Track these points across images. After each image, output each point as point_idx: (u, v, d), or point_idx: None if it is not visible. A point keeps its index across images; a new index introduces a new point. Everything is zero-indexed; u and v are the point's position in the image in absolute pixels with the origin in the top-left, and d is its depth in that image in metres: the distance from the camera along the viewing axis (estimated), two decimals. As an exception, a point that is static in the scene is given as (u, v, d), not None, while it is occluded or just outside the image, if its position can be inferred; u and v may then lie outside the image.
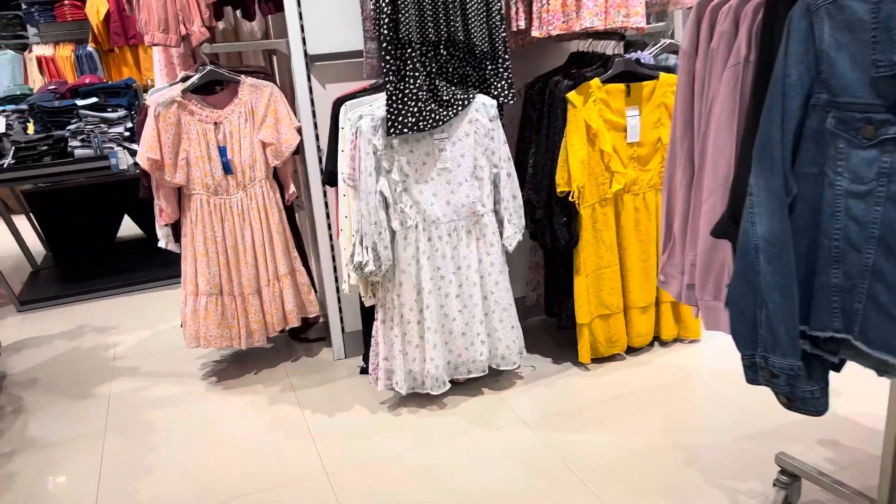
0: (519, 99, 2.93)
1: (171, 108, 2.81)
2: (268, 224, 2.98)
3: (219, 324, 2.97)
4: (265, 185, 2.96)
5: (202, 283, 2.93)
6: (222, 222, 2.93)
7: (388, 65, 2.37)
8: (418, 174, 2.54)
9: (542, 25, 2.65)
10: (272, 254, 3.00)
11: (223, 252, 2.94)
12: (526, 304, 3.27)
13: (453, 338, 2.65)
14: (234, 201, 2.93)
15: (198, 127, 2.86)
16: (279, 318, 3.05)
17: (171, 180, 2.85)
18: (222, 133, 2.89)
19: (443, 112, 2.49)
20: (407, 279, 2.56)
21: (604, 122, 2.71)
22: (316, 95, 2.89)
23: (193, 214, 2.91)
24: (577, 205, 2.70)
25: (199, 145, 2.86)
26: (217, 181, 2.90)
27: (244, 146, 2.90)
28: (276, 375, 3.05)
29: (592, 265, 2.79)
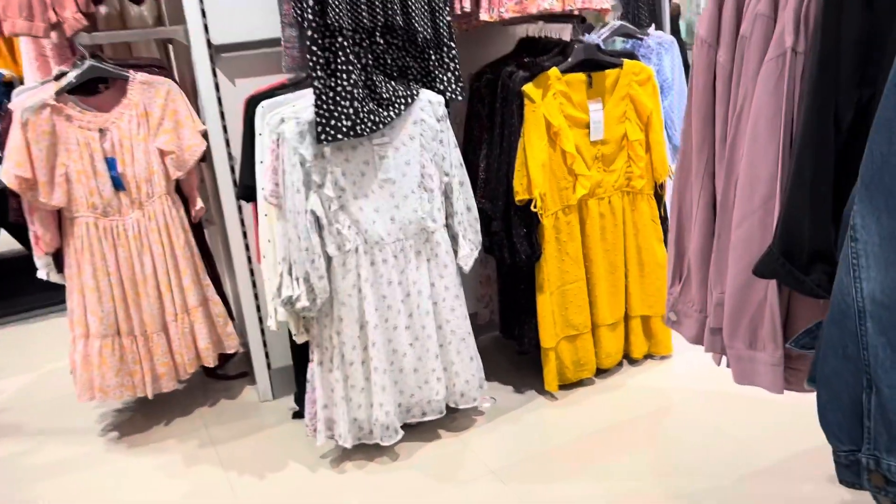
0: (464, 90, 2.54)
1: (42, 113, 2.27)
2: (171, 248, 2.49)
3: (117, 371, 2.47)
4: (166, 202, 2.47)
5: (94, 323, 2.42)
6: (115, 249, 2.42)
7: (314, 56, 1.94)
8: (356, 188, 2.12)
9: (492, 7, 2.26)
10: (179, 283, 2.52)
11: (118, 284, 2.43)
12: (478, 322, 2.90)
13: (404, 376, 2.26)
14: (128, 223, 2.43)
15: (78, 135, 2.33)
16: (191, 358, 2.57)
17: (48, 202, 2.32)
18: (109, 141, 2.38)
19: (383, 112, 2.08)
20: (348, 313, 2.14)
21: (565, 119, 2.37)
22: (224, 93, 2.42)
23: (78, 241, 2.39)
24: (538, 214, 2.35)
25: (81, 158, 2.34)
26: (106, 200, 2.39)
27: (138, 156, 2.40)
28: (192, 426, 2.58)
29: (557, 281, 2.45)
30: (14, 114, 2.27)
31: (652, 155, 2.51)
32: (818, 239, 1.17)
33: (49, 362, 3.15)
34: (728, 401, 2.38)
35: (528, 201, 2.34)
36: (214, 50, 2.35)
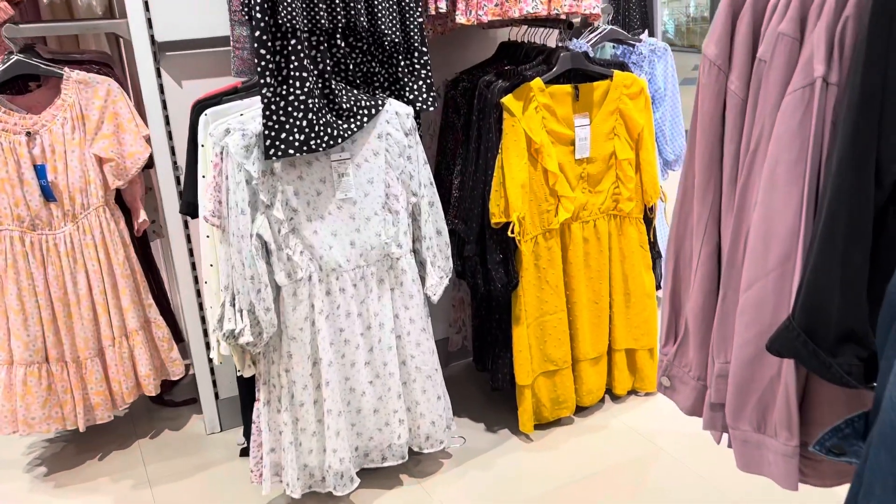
0: (438, 100, 2.31)
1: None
2: (109, 265, 2.24)
3: (44, 401, 2.21)
4: (104, 214, 2.21)
5: (18, 348, 2.17)
6: (44, 266, 2.17)
7: (262, 61, 1.70)
8: (311, 209, 1.88)
9: (469, 9, 2.03)
10: (117, 303, 2.27)
11: (47, 306, 2.18)
12: (448, 348, 2.68)
13: (362, 417, 2.03)
14: (59, 237, 2.17)
15: (2, 139, 2.08)
16: (130, 387, 2.32)
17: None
18: (39, 146, 2.12)
19: (342, 125, 1.84)
20: (298, 349, 1.91)
21: (547, 134, 2.14)
22: (169, 95, 2.17)
23: (1, 258, 2.14)
24: (516, 240, 2.12)
25: (6, 164, 2.09)
26: (34, 211, 2.13)
27: (72, 163, 2.15)
28: (129, 461, 2.34)
29: (535, 312, 2.23)
30: None
31: (642, 175, 2.29)
32: (850, 316, 0.95)
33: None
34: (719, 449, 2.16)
35: (505, 224, 2.12)
36: (158, 47, 2.10)
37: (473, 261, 2.17)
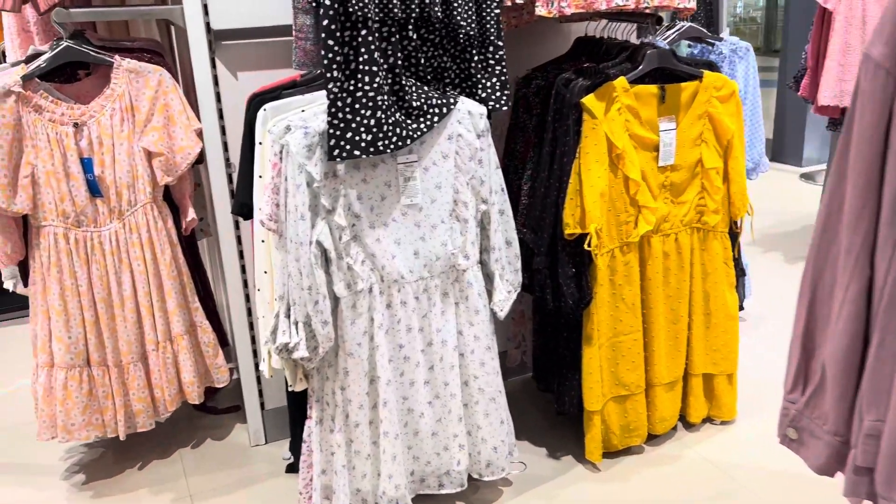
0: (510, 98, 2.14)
1: (6, 102, 1.91)
2: (155, 265, 2.12)
3: (85, 407, 2.10)
4: (151, 211, 2.09)
5: (59, 351, 2.06)
6: (88, 265, 2.06)
7: (330, 53, 1.54)
8: (374, 215, 1.73)
9: (551, 1, 1.85)
10: (163, 306, 2.14)
11: (90, 307, 2.07)
12: (507, 363, 2.51)
13: (420, 440, 1.88)
14: (105, 235, 2.06)
15: (48, 130, 1.96)
16: (173, 393, 2.20)
17: (8, 207, 1.95)
18: (86, 139, 2.00)
19: (411, 125, 1.68)
20: (355, 365, 1.76)
21: (630, 139, 1.96)
22: (224, 87, 2.03)
23: (44, 255, 2.03)
24: (593, 253, 1.95)
25: (52, 156, 1.97)
26: (80, 207, 2.02)
27: (120, 157, 2.03)
28: (170, 472, 2.22)
29: (608, 332, 2.05)
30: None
31: (730, 186, 2.10)
32: None
33: (11, 379, 2.79)
34: (805, 486, 1.97)
35: (579, 236, 1.95)
36: (214, 36, 1.97)
37: (543, 274, 2.00)
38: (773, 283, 3.31)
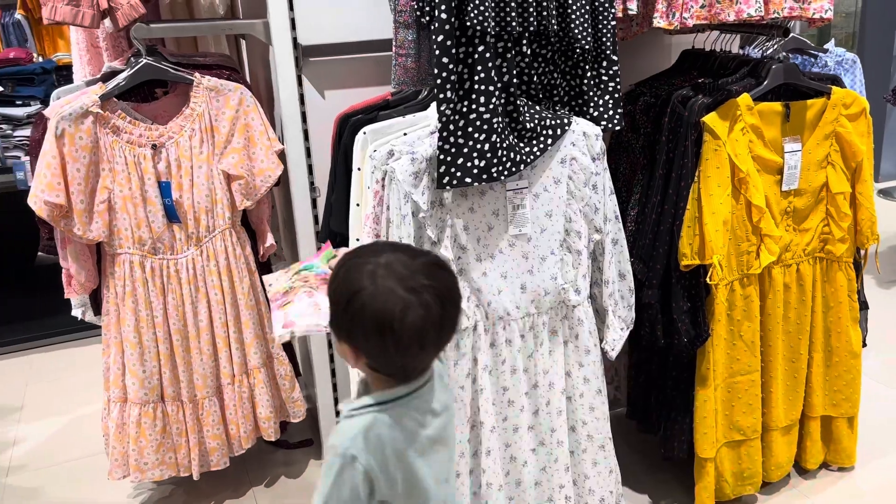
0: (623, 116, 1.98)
1: (82, 123, 1.80)
2: (233, 294, 2.00)
3: (158, 445, 1.98)
4: (230, 238, 1.97)
5: (133, 386, 1.94)
6: (164, 294, 1.94)
7: (445, 71, 1.40)
8: (481, 246, 1.58)
9: (672, 11, 1.69)
10: (239, 338, 2.02)
11: (165, 339, 1.95)
12: (597, 399, 2.34)
13: (522, 491, 1.71)
14: (182, 263, 1.94)
15: (126, 152, 1.85)
16: (248, 430, 2.08)
17: (84, 235, 1.84)
18: (164, 161, 1.89)
19: (524, 148, 1.53)
20: (457, 410, 1.61)
21: (753, 161, 1.79)
22: (310, 106, 1.91)
23: (119, 283, 1.91)
24: (712, 285, 1.78)
25: (129, 180, 1.86)
26: (156, 234, 1.90)
27: (199, 180, 1.91)
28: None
29: (724, 372, 1.87)
30: (49, 122, 1.79)
31: (858, 212, 1.91)
32: None
33: (86, 404, 2.69)
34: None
35: (697, 267, 1.78)
36: (302, 52, 1.84)
37: (653, 309, 1.83)
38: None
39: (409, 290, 1.01)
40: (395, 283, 1.01)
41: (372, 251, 1.06)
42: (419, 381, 1.10)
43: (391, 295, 1.00)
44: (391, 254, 1.04)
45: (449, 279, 1.07)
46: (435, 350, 1.09)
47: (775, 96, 1.82)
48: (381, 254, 1.04)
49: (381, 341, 1.02)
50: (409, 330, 1.01)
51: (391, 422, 1.06)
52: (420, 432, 1.10)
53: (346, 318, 1.03)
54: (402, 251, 1.06)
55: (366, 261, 1.03)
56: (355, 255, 1.07)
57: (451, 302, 1.06)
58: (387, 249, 1.06)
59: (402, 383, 1.08)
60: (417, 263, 1.04)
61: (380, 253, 1.05)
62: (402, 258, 1.04)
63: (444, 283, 1.05)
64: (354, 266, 1.04)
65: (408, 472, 1.08)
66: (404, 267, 1.02)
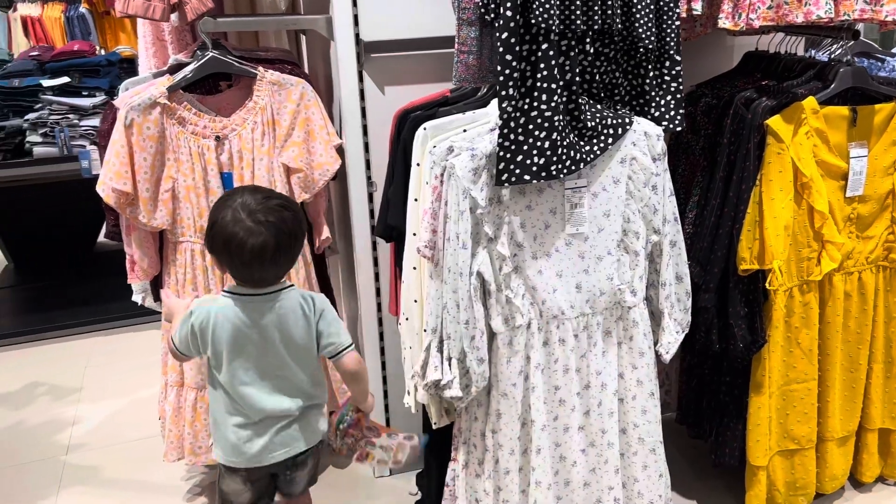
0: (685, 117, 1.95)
1: (150, 113, 1.85)
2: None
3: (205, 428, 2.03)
4: None
5: (190, 371, 1.99)
6: (222, 283, 1.98)
7: (508, 69, 1.41)
8: (537, 244, 1.58)
9: (738, 12, 1.67)
10: None
11: None
12: (646, 402, 2.32)
13: (570, 491, 1.71)
14: None
15: (191, 143, 1.90)
16: None
17: (148, 222, 1.90)
18: (227, 153, 1.93)
19: (584, 147, 1.53)
20: (509, 407, 1.61)
21: (817, 166, 1.75)
22: (370, 102, 1.93)
23: (181, 271, 1.97)
24: (770, 291, 1.75)
25: (192, 170, 1.91)
26: None
27: (259, 172, 1.95)
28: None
29: (779, 379, 1.85)
30: (119, 113, 1.85)
31: (926, 221, 1.86)
32: None
33: (143, 387, 2.76)
34: None
35: (756, 272, 1.75)
36: (363, 48, 1.86)
37: (709, 314, 1.81)
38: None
39: (255, 222, 1.45)
40: (245, 215, 1.45)
41: (237, 192, 1.51)
42: (260, 291, 1.54)
43: (240, 224, 1.45)
44: (249, 195, 1.49)
45: (291, 218, 1.50)
46: (274, 269, 1.52)
47: (842, 100, 1.79)
48: (242, 194, 1.49)
49: (230, 257, 1.48)
50: (249, 251, 1.45)
51: (227, 307, 1.53)
52: (241, 327, 1.53)
53: (209, 239, 1.50)
54: (259, 192, 1.51)
55: (230, 197, 1.49)
56: (226, 195, 1.53)
57: (289, 235, 1.49)
58: (247, 191, 1.52)
59: (248, 286, 1.54)
60: (267, 203, 1.47)
61: (242, 193, 1.49)
62: (257, 197, 1.48)
63: (284, 220, 1.49)
64: (221, 202, 1.50)
65: (216, 344, 1.54)
66: (256, 204, 1.47)
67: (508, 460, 1.64)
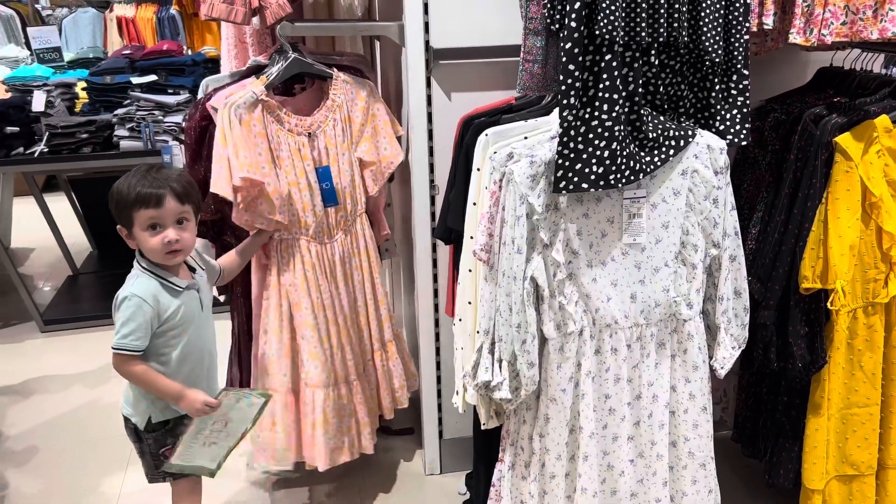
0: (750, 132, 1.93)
1: (254, 112, 1.89)
2: (370, 274, 2.11)
3: (337, 429, 2.05)
4: (365, 222, 2.09)
5: (314, 370, 1.99)
6: (326, 278, 2.02)
7: (570, 78, 1.43)
8: (593, 252, 1.59)
9: (810, 27, 1.65)
10: (377, 314, 2.13)
11: (333, 322, 2.04)
12: (701, 419, 2.29)
13: (617, 500, 1.71)
14: (336, 247, 2.04)
15: (289, 140, 1.95)
16: (389, 402, 2.19)
17: (273, 215, 1.90)
18: (317, 149, 1.99)
19: (644, 157, 1.54)
20: (557, 413, 1.63)
21: (888, 186, 1.71)
22: (436, 107, 1.98)
23: (292, 269, 1.97)
24: (832, 311, 1.72)
25: (294, 167, 1.96)
26: (318, 218, 2.00)
27: (343, 167, 2.01)
28: (346, 493, 2.19)
29: (839, 402, 1.80)
30: (221, 111, 1.88)
31: None
32: None
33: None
34: None
35: (818, 292, 1.72)
36: (433, 55, 1.91)
37: (769, 331, 1.79)
38: None
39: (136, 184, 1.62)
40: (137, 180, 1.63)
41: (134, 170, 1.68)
42: None
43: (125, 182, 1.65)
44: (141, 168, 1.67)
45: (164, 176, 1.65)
46: None
47: (916, 118, 1.74)
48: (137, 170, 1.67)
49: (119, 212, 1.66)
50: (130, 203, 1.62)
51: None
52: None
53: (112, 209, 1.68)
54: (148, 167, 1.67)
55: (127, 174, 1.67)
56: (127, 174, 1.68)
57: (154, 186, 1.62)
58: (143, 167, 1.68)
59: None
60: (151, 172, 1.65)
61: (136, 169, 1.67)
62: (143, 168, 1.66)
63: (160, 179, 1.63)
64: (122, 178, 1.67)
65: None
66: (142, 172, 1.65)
67: (555, 465, 1.66)
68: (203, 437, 1.69)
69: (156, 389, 1.66)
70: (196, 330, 1.72)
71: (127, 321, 1.61)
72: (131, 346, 1.61)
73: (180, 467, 1.71)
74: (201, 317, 1.75)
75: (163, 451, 1.72)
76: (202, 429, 1.68)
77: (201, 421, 1.68)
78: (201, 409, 1.66)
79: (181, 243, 1.64)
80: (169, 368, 1.68)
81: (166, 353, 1.68)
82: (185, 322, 1.69)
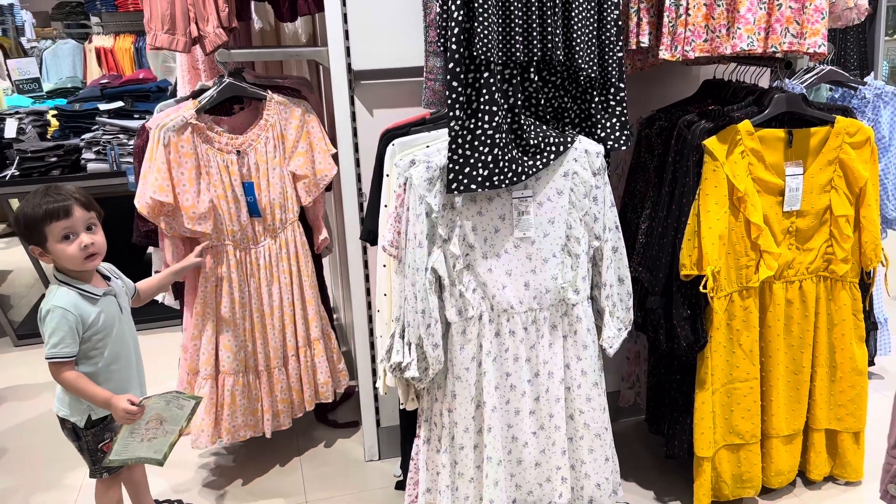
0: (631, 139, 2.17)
1: (183, 133, 2.13)
2: (299, 277, 2.32)
3: (245, 409, 2.30)
4: (296, 230, 2.30)
5: (226, 359, 2.26)
6: (247, 279, 2.26)
7: (455, 93, 1.65)
8: (487, 246, 1.81)
9: (675, 44, 1.88)
10: (304, 314, 2.35)
11: (249, 317, 2.28)
12: (619, 403, 2.50)
13: (523, 469, 1.91)
14: (261, 252, 2.26)
15: (217, 158, 2.18)
16: (310, 395, 2.40)
17: (193, 227, 2.15)
18: (246, 165, 2.22)
19: (527, 161, 1.76)
20: (463, 389, 1.84)
21: (753, 182, 1.93)
22: (360, 123, 2.20)
23: (218, 272, 2.23)
24: (708, 295, 1.93)
25: (221, 182, 2.19)
26: (243, 227, 2.23)
27: (273, 181, 2.23)
28: (290, 481, 2.37)
29: (722, 377, 2.01)
30: (152, 133, 2.14)
31: (861, 235, 2.02)
32: None
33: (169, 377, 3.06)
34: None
35: (696, 277, 1.93)
36: (354, 76, 2.14)
37: (657, 314, 2.00)
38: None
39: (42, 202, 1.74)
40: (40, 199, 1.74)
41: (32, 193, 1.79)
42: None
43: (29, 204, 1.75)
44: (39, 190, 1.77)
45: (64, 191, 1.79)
46: None
47: (780, 124, 1.97)
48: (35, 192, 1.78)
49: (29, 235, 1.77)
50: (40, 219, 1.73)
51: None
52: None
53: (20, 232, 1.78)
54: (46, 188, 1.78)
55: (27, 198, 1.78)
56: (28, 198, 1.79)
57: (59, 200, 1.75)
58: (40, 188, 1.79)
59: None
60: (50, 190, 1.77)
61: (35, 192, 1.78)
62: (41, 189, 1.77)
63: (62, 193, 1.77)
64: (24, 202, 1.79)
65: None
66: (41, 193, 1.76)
67: (463, 437, 1.86)
68: (140, 435, 1.85)
69: (87, 395, 1.79)
70: (119, 333, 1.87)
71: (54, 331, 1.74)
72: (62, 353, 1.75)
73: (121, 461, 1.88)
74: (122, 320, 1.90)
75: (101, 447, 1.88)
76: (135, 429, 1.83)
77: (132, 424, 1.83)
78: (123, 417, 1.77)
79: (96, 246, 1.79)
80: (100, 370, 1.83)
81: (94, 357, 1.82)
82: (108, 326, 1.84)
